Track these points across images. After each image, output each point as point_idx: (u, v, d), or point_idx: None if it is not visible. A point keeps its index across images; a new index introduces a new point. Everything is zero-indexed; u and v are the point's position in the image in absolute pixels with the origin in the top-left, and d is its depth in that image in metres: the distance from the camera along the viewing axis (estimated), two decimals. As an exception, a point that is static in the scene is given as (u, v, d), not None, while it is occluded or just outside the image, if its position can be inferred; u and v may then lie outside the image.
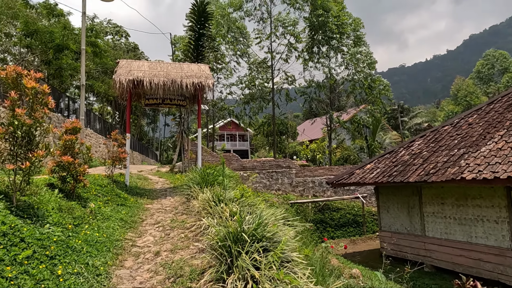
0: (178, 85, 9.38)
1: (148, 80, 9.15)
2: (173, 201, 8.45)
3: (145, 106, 10.13)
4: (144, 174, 14.97)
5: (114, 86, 8.95)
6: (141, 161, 44.01)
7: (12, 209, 4.17)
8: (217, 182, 6.98)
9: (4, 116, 4.48)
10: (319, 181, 19.74)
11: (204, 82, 9.70)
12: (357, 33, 25.17)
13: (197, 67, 10.40)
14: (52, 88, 21.76)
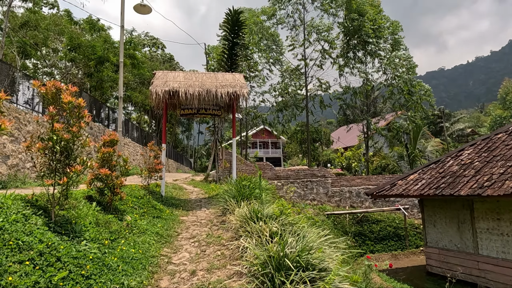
0: (213, 95, 9.28)
1: (183, 91, 9.13)
2: (208, 213, 8.28)
3: (181, 116, 10.14)
4: (179, 183, 15.06)
5: (150, 97, 9.02)
6: (176, 169, 44.94)
7: (51, 225, 4.14)
8: (253, 195, 6.71)
9: (44, 131, 4.50)
10: (357, 191, 18.92)
11: (239, 91, 9.54)
12: (395, 36, 24.17)
13: (231, 77, 10.29)
14: (94, 99, 22.74)
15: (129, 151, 26.75)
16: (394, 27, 23.96)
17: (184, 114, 10.19)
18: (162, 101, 9.25)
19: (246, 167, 18.12)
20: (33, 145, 4.24)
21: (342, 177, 19.33)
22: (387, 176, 19.70)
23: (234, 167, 10.39)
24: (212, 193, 11.62)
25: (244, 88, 9.73)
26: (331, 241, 4.26)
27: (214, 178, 17.59)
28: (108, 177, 5.89)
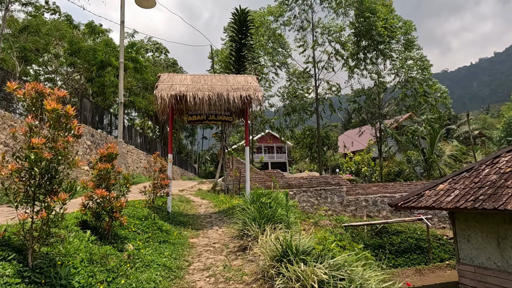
0: (225, 99, 8.30)
1: (191, 95, 8.16)
2: (221, 234, 7.26)
3: (188, 123, 9.17)
4: (186, 193, 14.06)
5: (155, 102, 8.06)
6: (181, 175, 43.98)
7: (26, 273, 3.13)
8: (277, 217, 5.69)
9: (20, 148, 3.51)
10: (373, 199, 17.82)
11: (253, 95, 8.55)
12: (409, 36, 23.15)
13: (243, 79, 9.31)
14: (96, 105, 21.87)
15: (132, 158, 25.83)
16: (407, 27, 22.95)
17: (192, 121, 9.22)
18: (168, 106, 8.28)
19: (256, 176, 17.10)
20: (4, 167, 3.25)
21: (358, 185, 18.24)
22: (404, 183, 18.59)
23: (247, 179, 9.38)
24: (223, 206, 10.60)
25: (259, 91, 8.75)
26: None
27: (222, 187, 16.59)
28: (105, 199, 4.89)
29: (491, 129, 66.81)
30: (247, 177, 9.44)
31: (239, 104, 8.43)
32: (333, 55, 23.05)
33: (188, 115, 9.16)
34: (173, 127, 57.94)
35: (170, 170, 8.70)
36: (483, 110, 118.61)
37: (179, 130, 56.25)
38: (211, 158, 70.21)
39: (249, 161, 9.21)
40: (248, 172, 9.45)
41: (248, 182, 9.38)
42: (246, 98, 8.50)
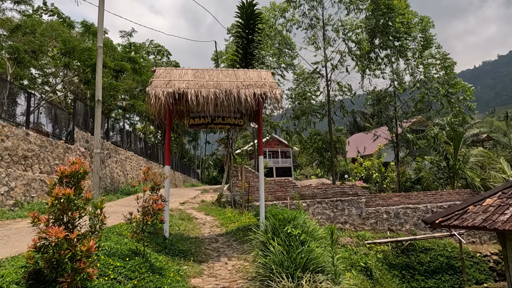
0: (234, 98, 6.69)
1: (193, 93, 6.55)
2: (232, 270, 5.60)
3: (190, 127, 7.55)
4: (187, 207, 12.42)
5: (148, 101, 6.47)
6: (183, 182, 42.39)
7: None
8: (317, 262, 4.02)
9: None
10: (395, 211, 16.09)
11: (270, 92, 6.93)
12: (426, 34, 21.50)
13: (256, 74, 7.69)
14: (91, 109, 20.34)
15: (131, 165, 24.26)
16: (425, 23, 21.31)
17: (195, 125, 7.60)
18: (165, 107, 6.68)
19: (266, 185, 15.43)
20: None
21: (377, 195, 16.53)
22: (428, 193, 16.86)
23: (262, 195, 7.73)
24: (231, 226, 8.95)
25: (276, 88, 7.12)
26: None
27: (228, 198, 14.94)
28: (62, 242, 3.25)
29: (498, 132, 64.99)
30: (262, 192, 7.79)
31: (252, 104, 6.80)
32: (346, 54, 21.41)
33: (190, 118, 7.54)
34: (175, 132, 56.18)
35: (167, 188, 7.08)
36: (488, 113, 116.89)
37: (182, 135, 54.83)
38: (214, 163, 68.74)
39: (263, 171, 7.57)
40: (263, 187, 7.80)
41: (263, 199, 7.73)
42: (261, 97, 6.88)
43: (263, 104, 7.34)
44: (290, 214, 5.70)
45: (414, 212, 16.21)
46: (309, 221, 6.00)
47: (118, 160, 21.67)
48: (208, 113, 7.32)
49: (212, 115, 7.49)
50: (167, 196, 7.16)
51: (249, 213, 11.53)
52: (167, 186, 7.12)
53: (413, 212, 16.23)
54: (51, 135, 15.77)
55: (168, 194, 7.21)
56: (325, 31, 21.84)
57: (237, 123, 7.72)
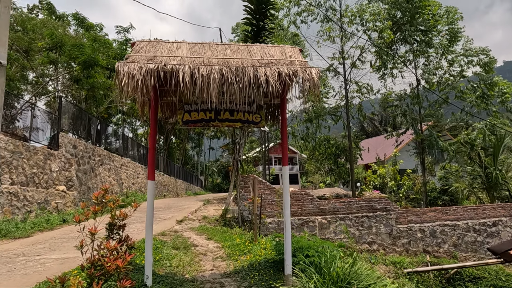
0: (250, 79, 4.44)
1: (187, 71, 4.31)
2: None
3: (184, 125, 5.26)
4: (185, 226, 10.11)
5: (117, 83, 4.22)
6: (185, 190, 40.15)
7: None
8: None
9: None
10: (431, 229, 13.65)
11: (302, 72, 4.67)
12: (453, 27, 19.22)
13: (278, 50, 5.43)
14: (79, 110, 18.23)
15: (127, 173, 22.07)
16: (453, 15, 19.03)
17: (192, 122, 5.31)
18: (144, 92, 4.41)
19: (278, 198, 13.12)
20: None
21: (409, 210, 14.13)
22: (468, 207, 14.43)
23: (287, 220, 5.40)
24: (240, 259, 6.65)
25: (309, 67, 4.85)
26: None
27: (235, 214, 12.65)
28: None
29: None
30: (287, 216, 5.44)
31: (276, 89, 4.49)
32: (366, 50, 19.13)
33: (185, 112, 5.27)
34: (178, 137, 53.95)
35: (151, 215, 4.82)
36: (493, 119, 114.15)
37: (185, 141, 52.76)
38: (218, 170, 66.57)
39: (288, 192, 5.26)
40: (288, 203, 5.47)
41: (289, 222, 5.38)
42: (289, 77, 4.62)
43: (290, 89, 5.08)
44: (345, 268, 3.38)
45: (453, 230, 13.79)
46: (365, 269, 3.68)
47: (112, 168, 19.50)
48: (210, 104, 5.06)
49: (216, 107, 5.24)
50: (150, 220, 4.91)
51: (262, 237, 9.23)
52: (151, 212, 4.85)
53: (452, 230, 13.80)
54: (30, 139, 13.67)
55: (151, 219, 4.95)
56: (342, 24, 19.63)
57: (252, 120, 5.42)
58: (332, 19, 20.04)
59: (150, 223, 4.86)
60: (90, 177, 16.57)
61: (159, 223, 10.75)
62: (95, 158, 17.53)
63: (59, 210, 13.26)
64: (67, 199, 14.11)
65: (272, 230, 12.44)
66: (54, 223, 10.97)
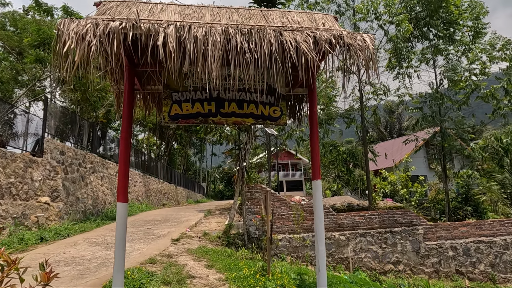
0: (271, 47, 2.80)
1: (173, 32, 2.68)
2: None
3: (173, 121, 3.63)
4: (181, 251, 8.46)
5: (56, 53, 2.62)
6: (187, 198, 38.49)
7: None
8: None
9: None
10: (464, 246, 11.93)
11: (349, 37, 3.06)
12: (478, 22, 17.63)
13: (306, 17, 3.83)
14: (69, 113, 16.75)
15: (122, 181, 20.44)
16: (479, 10, 17.45)
17: (183, 117, 3.69)
18: (109, 69, 2.80)
19: (289, 211, 11.48)
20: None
21: (438, 225, 12.41)
22: (506, 221, 12.70)
23: (322, 259, 3.75)
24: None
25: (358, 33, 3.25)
26: None
27: (240, 230, 11.01)
28: None
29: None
30: (321, 255, 3.80)
31: (311, 62, 2.88)
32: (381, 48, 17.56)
33: (173, 103, 3.67)
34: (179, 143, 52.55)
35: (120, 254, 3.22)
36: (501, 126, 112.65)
37: (187, 146, 51.27)
38: (220, 177, 64.99)
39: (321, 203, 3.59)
40: (323, 239, 3.82)
41: (324, 269, 3.73)
42: (330, 44, 3.03)
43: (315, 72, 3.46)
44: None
45: (490, 248, 12.05)
46: None
47: (105, 176, 17.92)
48: (209, 91, 3.45)
49: (219, 95, 3.64)
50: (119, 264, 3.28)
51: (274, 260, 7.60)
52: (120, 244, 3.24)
53: (488, 248, 12.07)
54: (7, 145, 12.16)
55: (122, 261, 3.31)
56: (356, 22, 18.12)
57: (269, 115, 3.81)
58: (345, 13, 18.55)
59: (119, 267, 3.23)
60: (79, 186, 15.00)
61: (151, 242, 9.12)
62: (86, 165, 15.98)
63: (40, 225, 11.65)
64: (50, 212, 12.51)
65: (283, 248, 10.78)
66: (29, 242, 9.36)
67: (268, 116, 3.81)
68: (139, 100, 4.33)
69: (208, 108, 3.70)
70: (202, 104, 3.69)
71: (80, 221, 14.00)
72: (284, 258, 10.40)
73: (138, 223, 14.24)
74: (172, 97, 3.66)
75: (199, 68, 2.62)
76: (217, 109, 3.72)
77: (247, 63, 2.77)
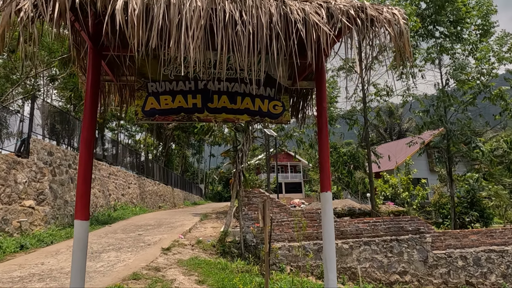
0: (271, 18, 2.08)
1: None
2: None
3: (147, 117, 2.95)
4: (170, 263, 7.74)
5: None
6: (183, 199, 37.77)
7: None
8: None
9: None
10: (474, 256, 11.23)
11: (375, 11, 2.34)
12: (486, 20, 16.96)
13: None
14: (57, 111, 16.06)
15: (116, 183, 19.75)
16: (487, 7, 16.78)
17: (161, 112, 2.99)
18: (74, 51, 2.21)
19: (288, 217, 10.77)
20: None
21: (447, 232, 11.73)
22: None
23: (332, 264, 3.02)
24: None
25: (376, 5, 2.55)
26: None
27: (237, 237, 10.30)
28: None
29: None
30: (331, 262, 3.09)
31: (325, 39, 2.19)
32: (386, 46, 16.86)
33: (148, 94, 2.96)
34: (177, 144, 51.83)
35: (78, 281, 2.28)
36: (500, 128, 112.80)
37: (184, 147, 50.56)
38: (219, 178, 64.32)
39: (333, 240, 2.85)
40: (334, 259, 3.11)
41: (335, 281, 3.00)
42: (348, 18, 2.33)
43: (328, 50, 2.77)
44: None
45: (501, 258, 11.37)
46: None
47: (97, 178, 17.19)
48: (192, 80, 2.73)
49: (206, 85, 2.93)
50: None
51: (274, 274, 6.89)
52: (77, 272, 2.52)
53: (500, 258, 11.38)
54: (-10, 145, 11.46)
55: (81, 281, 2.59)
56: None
57: (268, 110, 3.11)
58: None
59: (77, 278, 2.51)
60: (68, 189, 14.28)
61: (139, 251, 8.40)
62: (76, 166, 15.20)
63: (23, 231, 10.92)
64: (35, 217, 11.77)
65: (282, 258, 10.07)
66: (7, 251, 8.63)
67: (267, 113, 3.11)
68: (114, 94, 3.64)
69: (192, 102, 3.00)
70: (186, 97, 3.00)
71: (68, 226, 13.28)
72: (283, 269, 9.69)
73: (129, 228, 13.52)
74: (147, 88, 2.96)
75: (172, 44, 1.91)
76: (203, 103, 3.02)
77: (239, 40, 2.07)
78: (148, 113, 2.98)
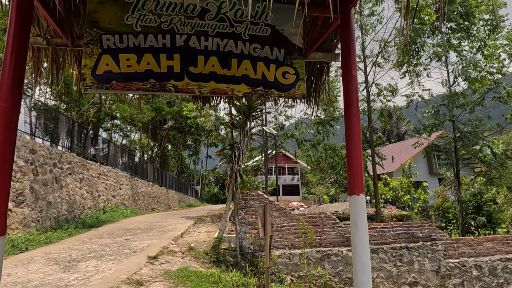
0: None
1: None
2: None
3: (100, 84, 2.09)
4: (156, 274, 6.81)
5: None
6: (178, 202, 36.75)
7: None
8: None
9: None
10: (490, 265, 10.38)
11: None
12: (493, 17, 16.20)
13: None
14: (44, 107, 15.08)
15: (106, 184, 18.75)
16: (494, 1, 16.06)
17: (121, 77, 2.12)
18: None
19: (289, 222, 9.86)
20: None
21: (460, 239, 10.85)
22: (535, 236, 11.14)
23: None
24: None
25: None
26: None
27: (232, 244, 9.36)
28: None
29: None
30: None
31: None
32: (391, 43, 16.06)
33: (102, 50, 2.07)
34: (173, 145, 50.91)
35: None
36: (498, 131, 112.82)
37: (180, 148, 49.56)
38: (215, 179, 63.37)
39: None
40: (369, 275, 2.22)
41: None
42: None
43: None
44: None
45: (521, 267, 10.51)
46: None
47: (85, 178, 16.18)
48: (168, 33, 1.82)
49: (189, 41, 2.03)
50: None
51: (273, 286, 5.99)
52: None
53: (518, 266, 10.52)
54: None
55: None
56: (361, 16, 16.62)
57: (276, 79, 2.21)
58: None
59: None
60: (52, 189, 13.26)
61: (122, 260, 7.45)
62: (62, 166, 14.25)
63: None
64: (12, 219, 10.79)
65: (282, 267, 9.14)
66: (-26, 258, 7.66)
67: (274, 83, 2.18)
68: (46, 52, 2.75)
69: (167, 65, 2.08)
70: (157, 56, 2.08)
71: (51, 229, 12.28)
72: (284, 279, 8.77)
73: (117, 232, 12.55)
74: (101, 43, 2.03)
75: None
76: (183, 66, 2.09)
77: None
78: (101, 78, 2.05)
